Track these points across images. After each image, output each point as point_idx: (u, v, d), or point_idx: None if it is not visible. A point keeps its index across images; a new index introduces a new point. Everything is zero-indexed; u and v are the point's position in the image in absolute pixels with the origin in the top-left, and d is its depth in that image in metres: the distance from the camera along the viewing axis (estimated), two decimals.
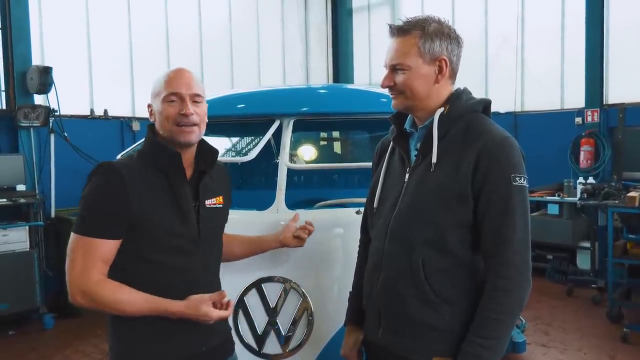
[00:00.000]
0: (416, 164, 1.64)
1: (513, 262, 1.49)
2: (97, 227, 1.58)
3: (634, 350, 4.44)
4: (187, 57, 7.54)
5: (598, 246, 6.13)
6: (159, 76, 1.71)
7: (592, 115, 6.67)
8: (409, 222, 1.60)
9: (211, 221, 1.77)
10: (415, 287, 1.58)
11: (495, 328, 1.50)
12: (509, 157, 1.51)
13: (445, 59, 1.60)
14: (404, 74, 1.60)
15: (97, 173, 1.63)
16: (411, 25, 1.59)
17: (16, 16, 5.70)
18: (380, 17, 9.21)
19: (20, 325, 5.25)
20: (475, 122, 1.60)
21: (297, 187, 3.81)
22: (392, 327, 1.65)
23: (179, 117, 1.64)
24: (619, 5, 6.57)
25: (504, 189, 1.49)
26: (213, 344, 1.80)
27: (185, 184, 1.70)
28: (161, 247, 1.64)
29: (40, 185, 5.78)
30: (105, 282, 1.59)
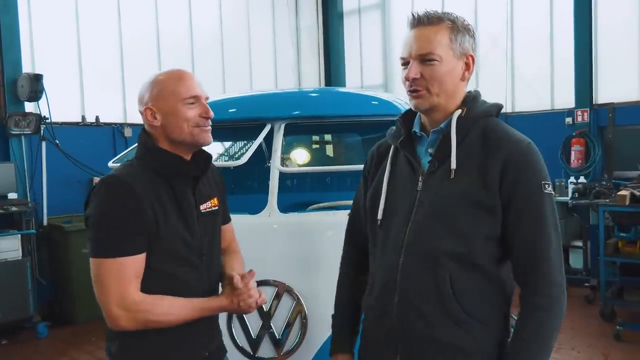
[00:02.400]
0: (431, 171, 1.49)
1: (553, 278, 1.42)
2: (123, 246, 1.51)
3: (627, 348, 4.47)
4: (178, 62, 7.52)
5: (590, 245, 6.16)
6: (158, 78, 1.65)
7: (582, 115, 6.72)
8: (430, 234, 1.45)
9: (210, 225, 1.74)
10: (443, 306, 1.43)
11: (538, 349, 1.41)
12: (537, 164, 1.44)
13: (472, 56, 1.50)
14: (434, 66, 1.44)
15: (105, 189, 1.55)
16: (441, 15, 1.47)
17: (6, 23, 5.67)
18: (371, 20, 9.24)
19: (14, 334, 5.21)
20: (494, 127, 1.49)
21: (289, 190, 3.81)
22: (414, 354, 1.48)
23: (200, 120, 1.62)
24: (607, 4, 6.63)
25: (535, 198, 1.42)
26: (213, 348, 1.80)
27: (189, 192, 1.66)
28: (173, 257, 1.61)
29: (32, 193, 5.74)
30: (147, 298, 1.54)
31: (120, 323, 1.51)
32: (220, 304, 1.65)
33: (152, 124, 1.64)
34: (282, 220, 2.60)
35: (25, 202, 5.50)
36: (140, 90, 1.68)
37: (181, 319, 1.57)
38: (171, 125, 1.61)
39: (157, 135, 1.65)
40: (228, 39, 8.33)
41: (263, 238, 2.57)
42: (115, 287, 1.49)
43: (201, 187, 1.73)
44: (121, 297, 1.49)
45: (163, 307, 1.54)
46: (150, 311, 1.53)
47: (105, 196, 1.55)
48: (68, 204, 6.00)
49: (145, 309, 1.52)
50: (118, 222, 1.52)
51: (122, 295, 1.49)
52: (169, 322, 1.56)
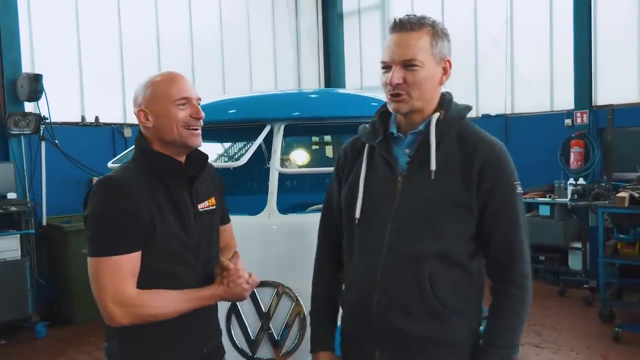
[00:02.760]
0: (410, 172, 1.53)
1: (526, 272, 1.53)
2: (119, 244, 1.55)
3: (626, 350, 4.47)
4: (178, 63, 7.53)
5: (589, 246, 6.16)
6: (152, 80, 1.68)
7: (582, 117, 6.73)
8: (413, 234, 1.50)
9: (207, 225, 1.77)
10: (422, 302, 1.49)
11: (511, 336, 1.52)
12: (510, 166, 1.53)
13: (450, 61, 1.55)
14: (416, 71, 1.48)
15: (103, 190, 1.59)
16: (422, 20, 1.50)
17: (5, 23, 5.67)
18: (371, 21, 9.25)
19: (13, 334, 5.21)
20: (469, 129, 1.56)
21: (289, 191, 3.82)
22: (394, 348, 1.53)
23: (191, 120, 1.65)
24: (607, 7, 6.64)
25: (510, 199, 1.51)
26: (211, 346, 1.80)
27: (183, 191, 1.69)
28: (169, 255, 1.64)
29: (31, 193, 5.74)
30: (142, 295, 1.57)
31: (116, 319, 1.54)
32: (213, 291, 1.68)
33: (145, 126, 1.67)
34: (282, 221, 2.61)
35: (24, 202, 5.49)
36: (135, 92, 1.71)
37: (177, 311, 1.60)
38: (162, 126, 1.64)
39: (151, 136, 1.68)
40: (228, 40, 8.33)
41: (262, 239, 2.58)
42: (111, 285, 1.53)
43: (198, 187, 1.76)
44: (117, 294, 1.53)
45: (158, 301, 1.58)
46: (145, 306, 1.56)
47: (103, 197, 1.58)
48: (67, 204, 6.00)
49: (140, 304, 1.55)
50: (114, 222, 1.55)
51: (117, 292, 1.53)
52: (165, 314, 1.59)
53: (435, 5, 8.28)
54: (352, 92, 3.82)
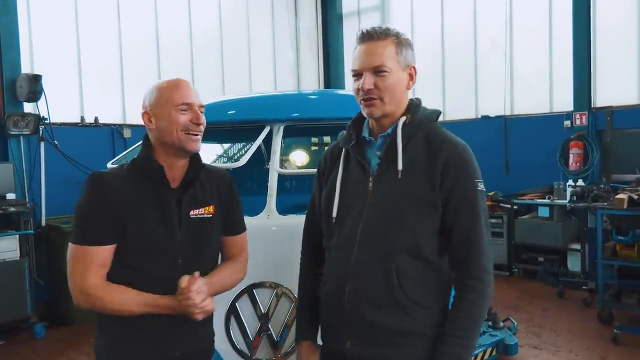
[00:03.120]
0: (380, 173, 1.65)
1: (483, 265, 1.59)
2: (90, 236, 1.65)
3: (624, 351, 4.47)
4: (177, 63, 7.53)
5: (588, 248, 6.17)
6: (159, 85, 1.75)
7: (581, 119, 6.74)
8: (382, 230, 1.61)
9: (197, 232, 1.77)
10: (390, 295, 1.59)
11: (471, 326, 1.58)
12: (473, 165, 1.62)
13: (415, 67, 1.66)
14: (385, 77, 1.60)
15: (87, 183, 1.70)
16: (387, 31, 1.63)
17: (5, 24, 5.67)
18: (371, 22, 9.15)
19: (11, 334, 5.20)
20: (435, 132, 1.66)
21: (288, 192, 3.82)
22: (364, 338, 1.63)
23: (190, 125, 1.71)
24: (606, 8, 6.65)
25: (471, 195, 1.59)
26: (188, 350, 1.79)
27: (170, 195, 1.73)
28: (145, 256, 1.69)
29: (30, 193, 5.74)
30: (103, 285, 1.66)
31: (79, 303, 1.67)
32: (169, 303, 1.67)
33: (149, 128, 1.76)
34: (281, 222, 2.61)
35: (23, 202, 5.49)
36: (144, 96, 1.79)
37: (131, 311, 1.66)
38: (163, 129, 1.72)
39: (154, 138, 1.76)
40: (227, 40, 8.34)
41: (261, 240, 2.57)
42: (78, 272, 1.65)
43: (196, 193, 1.79)
44: (81, 281, 1.64)
45: (113, 297, 1.65)
46: (101, 298, 1.64)
47: (86, 190, 1.70)
48: (66, 204, 5.95)
49: (97, 295, 1.64)
50: (90, 215, 1.68)
51: (81, 279, 1.64)
52: (117, 310, 1.66)
53: (434, 6, 8.29)
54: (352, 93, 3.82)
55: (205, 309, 1.69)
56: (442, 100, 8.23)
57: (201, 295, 1.67)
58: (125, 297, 1.65)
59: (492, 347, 4.05)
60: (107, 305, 1.65)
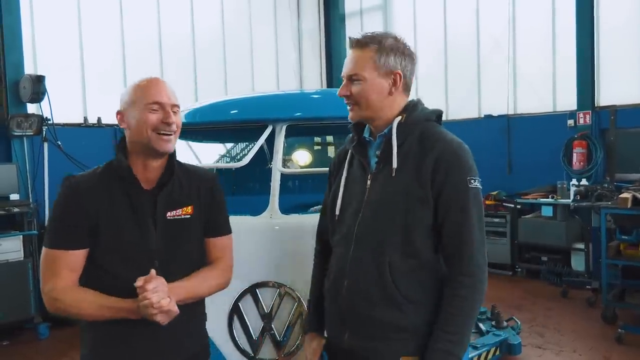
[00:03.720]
0: (377, 171, 1.70)
1: (475, 261, 1.60)
2: (59, 240, 1.64)
3: (628, 351, 4.45)
4: (180, 64, 7.54)
5: (592, 247, 6.15)
6: (133, 84, 1.72)
7: (584, 118, 6.72)
8: (375, 227, 1.66)
9: (174, 234, 1.72)
10: (383, 290, 1.63)
11: (462, 323, 1.59)
12: (464, 162, 1.63)
13: (399, 73, 1.68)
14: (359, 85, 1.67)
15: (61, 187, 1.69)
16: (369, 39, 1.67)
17: (8, 25, 5.68)
18: (373, 22, 9.24)
19: (15, 335, 5.21)
20: (430, 130, 1.69)
21: (291, 192, 3.82)
22: (359, 331, 1.69)
23: (161, 125, 1.66)
24: (609, 7, 6.63)
25: (461, 192, 1.60)
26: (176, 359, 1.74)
27: (142, 196, 1.69)
28: (118, 258, 1.65)
29: (33, 194, 5.75)
30: (69, 289, 1.63)
31: (49, 308, 1.65)
32: (130, 306, 1.59)
33: (121, 127, 1.73)
34: (284, 222, 2.61)
35: (27, 203, 5.50)
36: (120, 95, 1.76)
37: (94, 315, 1.63)
38: (133, 128, 1.68)
39: (128, 139, 1.73)
40: (230, 41, 8.34)
41: (264, 239, 2.57)
42: (46, 275, 1.65)
43: (173, 194, 1.74)
44: (46, 284, 1.64)
45: (75, 301, 1.63)
46: (62, 301, 1.63)
47: (59, 194, 1.69)
48: None
49: (57, 298, 1.62)
50: (59, 219, 1.67)
51: (47, 283, 1.64)
52: (78, 314, 1.65)
53: (437, 6, 8.28)
54: None
55: (163, 309, 1.57)
56: (445, 99, 8.21)
57: (158, 295, 1.56)
58: (85, 300, 1.62)
59: (495, 346, 4.04)
60: (69, 309, 1.63)
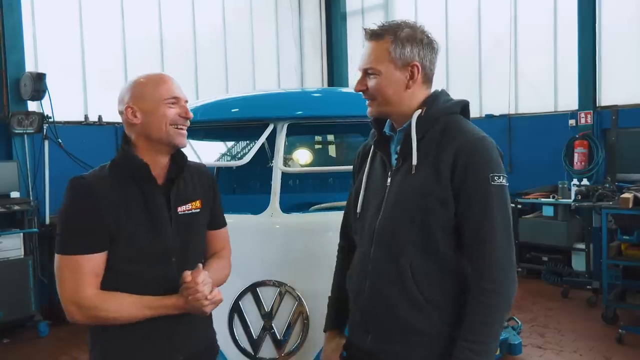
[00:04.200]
0: (397, 167, 1.62)
1: (497, 263, 1.49)
2: (79, 244, 1.57)
3: (629, 352, 4.45)
4: (181, 62, 7.54)
5: (593, 248, 6.14)
6: (141, 79, 1.70)
7: (586, 118, 6.71)
8: (394, 225, 1.58)
9: (187, 228, 1.73)
10: (404, 292, 1.55)
11: (485, 332, 1.50)
12: (486, 157, 1.51)
13: (417, 65, 1.59)
14: (375, 79, 1.60)
15: (68, 189, 1.62)
16: (384, 30, 1.60)
17: (9, 23, 5.68)
18: (375, 20, 9.06)
19: (15, 333, 5.21)
20: (452, 124, 1.59)
21: (292, 190, 3.81)
22: (382, 334, 1.62)
23: (179, 119, 1.67)
24: (611, 7, 6.61)
25: (482, 190, 1.49)
26: (190, 352, 1.75)
27: (157, 193, 1.68)
28: (137, 258, 1.63)
29: (34, 192, 5.75)
30: (100, 295, 1.58)
31: (74, 317, 1.58)
32: (174, 302, 1.62)
33: (131, 123, 1.67)
34: (284, 221, 2.60)
35: (27, 201, 5.50)
36: (121, 91, 1.72)
37: (132, 317, 1.59)
38: (151, 123, 1.66)
39: (136, 134, 1.68)
40: (231, 39, 8.34)
41: (265, 238, 2.57)
42: (69, 283, 1.56)
43: (181, 189, 1.75)
44: (74, 293, 1.56)
45: (112, 305, 1.58)
46: (97, 307, 1.56)
47: (68, 196, 1.62)
48: None
49: (94, 306, 1.56)
50: (75, 222, 1.59)
51: (75, 291, 1.56)
52: (118, 318, 1.59)
53: (439, 5, 8.27)
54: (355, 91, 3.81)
55: (215, 299, 1.65)
56: None
57: (208, 287, 1.63)
58: (125, 304, 1.59)
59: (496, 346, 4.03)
60: (106, 315, 1.57)
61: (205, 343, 1.84)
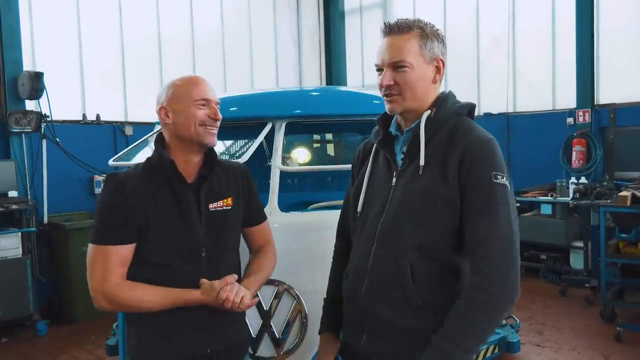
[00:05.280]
0: (403, 168, 1.60)
1: (494, 261, 1.44)
2: (109, 235, 1.67)
3: (627, 349, 4.46)
4: (179, 61, 7.52)
5: (591, 246, 6.15)
6: (177, 81, 1.79)
7: (584, 116, 6.71)
8: (398, 226, 1.56)
9: (218, 225, 1.81)
10: (403, 293, 1.53)
11: (471, 329, 1.43)
12: (489, 157, 1.50)
13: (442, 60, 1.60)
14: (405, 73, 1.55)
15: (105, 185, 1.74)
16: (411, 23, 1.57)
17: (7, 22, 5.66)
18: (373, 19, 9.23)
19: (14, 332, 5.21)
20: (460, 126, 1.58)
21: (290, 189, 3.81)
22: (377, 334, 1.60)
23: (208, 120, 1.76)
24: (610, 5, 6.61)
25: (484, 187, 1.47)
26: (219, 347, 1.81)
27: (187, 190, 1.76)
28: (168, 252, 1.72)
29: (32, 191, 5.74)
30: (124, 284, 1.68)
31: (99, 303, 1.68)
32: (197, 297, 1.71)
33: (164, 122, 1.78)
34: (283, 219, 2.60)
35: (25, 200, 5.49)
36: (159, 92, 1.83)
37: (156, 306, 1.68)
38: (180, 123, 1.75)
39: (169, 133, 1.79)
40: (229, 38, 8.32)
41: None
42: (98, 272, 1.67)
43: (213, 186, 1.82)
44: (101, 281, 1.66)
45: (135, 294, 1.67)
46: (121, 296, 1.66)
47: (103, 190, 1.75)
48: (68, 202, 6.00)
49: (119, 295, 1.66)
50: (107, 214, 1.70)
51: (102, 279, 1.66)
52: (142, 307, 1.69)
53: (437, 4, 8.26)
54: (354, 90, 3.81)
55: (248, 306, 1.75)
56: None
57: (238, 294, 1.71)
58: (148, 293, 1.67)
59: (494, 344, 4.04)
60: (128, 303, 1.67)
61: (235, 340, 1.89)
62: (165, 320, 1.72)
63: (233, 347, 1.88)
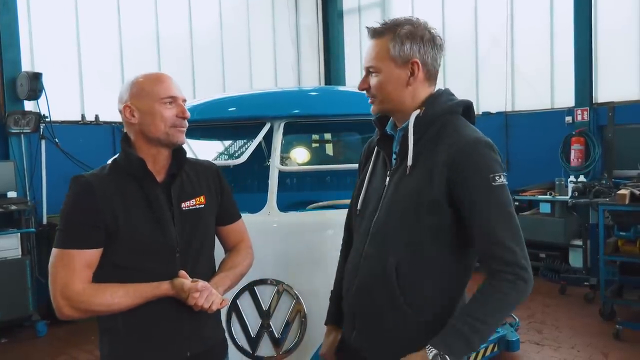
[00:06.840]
0: (395, 167, 1.63)
1: (514, 260, 1.47)
2: (74, 239, 1.60)
3: (626, 347, 4.47)
4: (178, 61, 7.52)
5: (590, 244, 6.16)
6: (140, 78, 1.72)
7: (582, 114, 6.72)
8: (387, 226, 1.59)
9: (191, 224, 1.75)
10: (388, 292, 1.56)
11: (491, 313, 1.47)
12: (483, 159, 1.49)
13: (417, 62, 1.56)
14: (376, 77, 1.60)
15: (69, 187, 1.65)
16: (384, 29, 1.59)
17: (5, 22, 5.66)
18: (371, 19, 9.18)
19: (13, 332, 5.21)
20: (449, 124, 1.56)
21: (289, 189, 3.81)
22: (365, 331, 1.65)
23: (177, 120, 1.69)
24: (608, 4, 6.62)
25: (486, 192, 1.47)
26: (199, 349, 1.76)
27: (157, 189, 1.69)
28: (137, 253, 1.65)
29: (31, 191, 5.74)
30: (90, 287, 1.59)
31: (63, 311, 1.59)
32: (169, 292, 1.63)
33: (129, 122, 1.70)
34: (282, 219, 2.61)
35: (24, 200, 5.49)
36: (120, 90, 1.74)
37: (127, 306, 1.60)
38: (148, 123, 1.67)
39: (134, 133, 1.71)
40: (228, 38, 8.32)
41: (262, 237, 2.56)
42: (61, 277, 1.59)
43: (183, 185, 1.76)
44: (64, 287, 1.58)
45: (104, 297, 1.58)
46: (88, 301, 1.58)
47: (69, 193, 1.65)
48: None
49: (84, 299, 1.57)
50: (73, 217, 1.62)
51: (65, 285, 1.58)
52: (113, 310, 1.60)
53: (435, 3, 8.27)
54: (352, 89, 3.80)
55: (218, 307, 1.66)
56: None
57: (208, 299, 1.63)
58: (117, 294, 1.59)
59: (493, 343, 4.05)
60: (96, 308, 1.59)
61: (213, 341, 1.85)
62: (140, 326, 1.65)
63: (212, 349, 1.83)
